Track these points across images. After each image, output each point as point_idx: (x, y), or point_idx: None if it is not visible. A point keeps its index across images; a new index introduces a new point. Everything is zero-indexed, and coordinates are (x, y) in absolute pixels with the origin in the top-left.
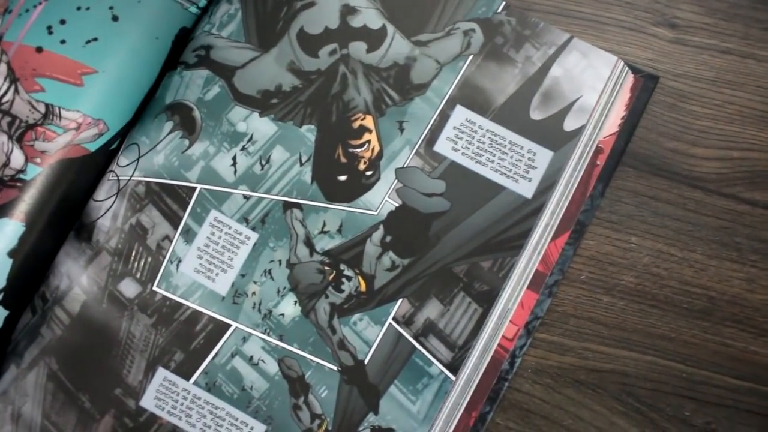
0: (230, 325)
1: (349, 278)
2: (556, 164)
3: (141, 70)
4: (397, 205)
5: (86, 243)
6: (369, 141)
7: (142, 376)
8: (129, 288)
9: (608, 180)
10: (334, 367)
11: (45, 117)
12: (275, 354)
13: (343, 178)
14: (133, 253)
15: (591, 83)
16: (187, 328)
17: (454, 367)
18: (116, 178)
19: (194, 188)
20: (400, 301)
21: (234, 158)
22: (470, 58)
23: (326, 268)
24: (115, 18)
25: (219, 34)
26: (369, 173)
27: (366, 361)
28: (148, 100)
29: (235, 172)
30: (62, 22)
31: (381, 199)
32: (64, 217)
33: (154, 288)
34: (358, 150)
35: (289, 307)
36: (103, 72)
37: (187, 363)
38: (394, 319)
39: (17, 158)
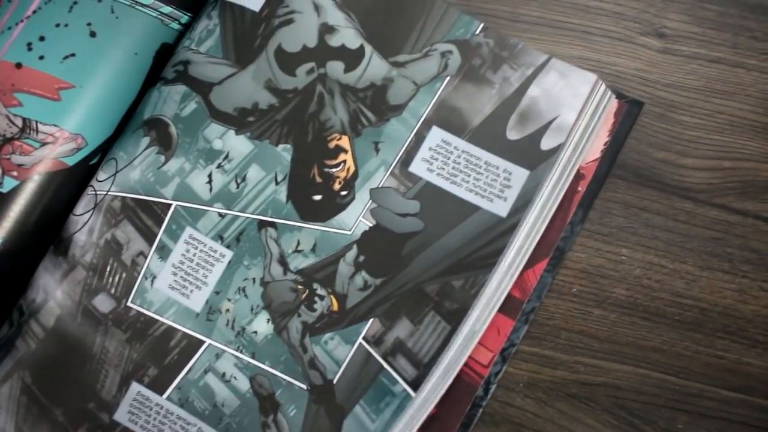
0: (204, 342)
1: (321, 297)
2: (532, 183)
3: (120, 85)
4: (371, 225)
5: (63, 257)
6: (345, 161)
7: (116, 390)
8: (103, 303)
9: (589, 206)
10: (304, 386)
11: (22, 131)
12: (247, 371)
13: (318, 197)
14: (108, 269)
15: (569, 102)
16: (161, 344)
17: (417, 384)
18: (94, 192)
19: (169, 205)
20: (371, 320)
21: (210, 176)
22: (447, 79)
23: (299, 287)
24: (92, 34)
25: (197, 50)
26: (344, 193)
27: (335, 381)
28: (130, 115)
29: (211, 189)
30: (41, 38)
31: (355, 219)
32: (42, 231)
33: (129, 304)
34: (334, 170)
35: (262, 325)
36: (80, 87)
37: (160, 378)
38: (364, 338)
39: None
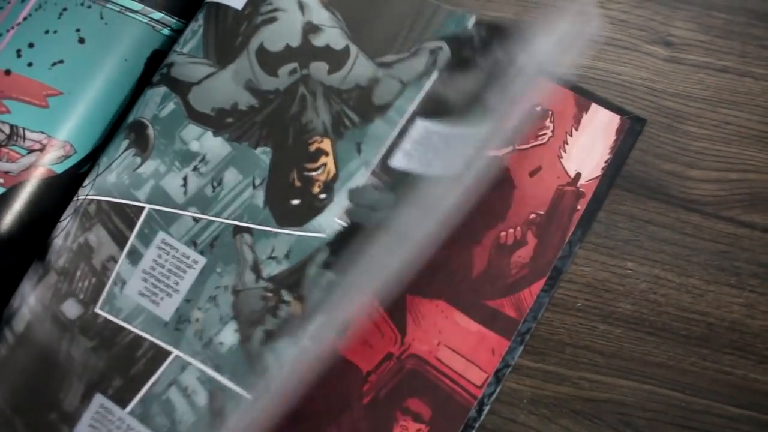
0: (171, 353)
1: (287, 303)
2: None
3: (109, 92)
4: (345, 225)
5: (40, 262)
6: (325, 164)
7: (79, 401)
8: (71, 309)
9: (588, 225)
10: (251, 398)
11: (9, 138)
12: (208, 385)
13: (296, 202)
14: (78, 273)
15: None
16: (127, 353)
17: None
18: (77, 198)
19: (142, 208)
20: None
21: (185, 178)
22: (435, 73)
23: (269, 294)
24: (81, 40)
25: (181, 51)
26: (322, 196)
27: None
28: (120, 122)
29: (186, 192)
30: (31, 45)
31: (332, 221)
32: (28, 239)
33: (97, 310)
34: (314, 173)
35: (228, 336)
36: (68, 94)
37: (124, 390)
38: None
39: None
